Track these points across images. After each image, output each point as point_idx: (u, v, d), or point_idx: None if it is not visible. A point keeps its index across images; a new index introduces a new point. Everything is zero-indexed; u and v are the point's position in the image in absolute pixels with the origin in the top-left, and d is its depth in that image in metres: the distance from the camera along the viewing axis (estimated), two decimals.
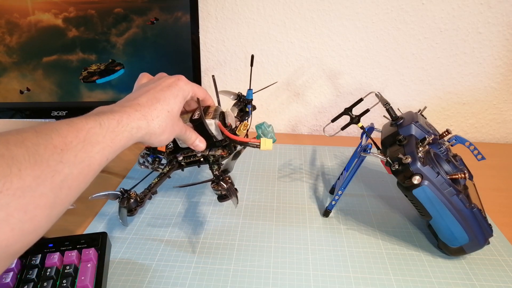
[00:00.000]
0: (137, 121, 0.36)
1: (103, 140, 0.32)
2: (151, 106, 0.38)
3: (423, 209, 0.48)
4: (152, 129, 0.38)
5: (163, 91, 0.40)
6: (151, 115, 0.37)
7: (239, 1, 0.80)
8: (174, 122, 0.40)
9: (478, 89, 0.85)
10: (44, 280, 0.42)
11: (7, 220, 0.25)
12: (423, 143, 0.48)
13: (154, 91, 0.40)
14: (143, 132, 0.37)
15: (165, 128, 0.39)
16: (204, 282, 0.46)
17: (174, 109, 0.40)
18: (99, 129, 0.32)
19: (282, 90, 0.89)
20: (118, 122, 0.34)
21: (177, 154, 0.51)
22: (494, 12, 0.75)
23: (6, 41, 0.66)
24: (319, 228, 0.56)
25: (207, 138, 0.46)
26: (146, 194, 0.47)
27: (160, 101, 0.39)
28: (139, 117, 0.36)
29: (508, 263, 0.50)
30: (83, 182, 0.31)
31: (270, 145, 0.48)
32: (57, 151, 0.28)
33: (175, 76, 0.43)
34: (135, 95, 0.39)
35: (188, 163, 0.52)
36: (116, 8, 0.66)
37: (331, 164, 0.76)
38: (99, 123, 0.33)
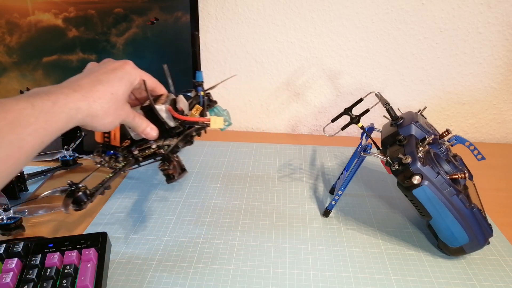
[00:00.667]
0: (76, 102, 0.34)
1: (36, 122, 0.31)
2: (93, 88, 0.36)
3: (423, 209, 0.48)
4: (94, 111, 0.36)
5: (107, 73, 0.39)
6: (93, 96, 0.36)
7: (239, 1, 0.80)
8: (118, 105, 0.39)
9: (478, 89, 0.85)
10: (44, 280, 0.42)
11: None
12: (423, 143, 0.48)
13: (97, 73, 0.38)
14: (84, 114, 0.35)
15: (108, 110, 0.37)
16: (204, 282, 0.46)
17: (118, 91, 0.38)
18: (31, 110, 0.31)
19: (282, 90, 0.89)
20: (53, 103, 0.32)
21: (132, 148, 0.49)
22: (494, 12, 0.75)
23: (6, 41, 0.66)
24: (319, 228, 0.56)
25: (159, 125, 0.45)
26: (98, 189, 0.45)
27: (103, 82, 0.37)
28: (78, 98, 0.34)
29: (508, 263, 0.50)
30: (13, 165, 0.30)
31: (221, 123, 0.47)
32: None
33: (122, 60, 0.42)
34: (77, 77, 0.38)
35: (144, 157, 0.50)
36: (116, 8, 0.66)
37: (331, 164, 0.76)
38: (31, 103, 0.31)
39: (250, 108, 0.92)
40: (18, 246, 0.46)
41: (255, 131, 0.95)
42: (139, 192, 0.65)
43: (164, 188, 0.66)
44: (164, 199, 0.63)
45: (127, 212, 0.59)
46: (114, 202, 0.62)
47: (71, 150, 0.69)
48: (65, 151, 0.69)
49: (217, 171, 0.72)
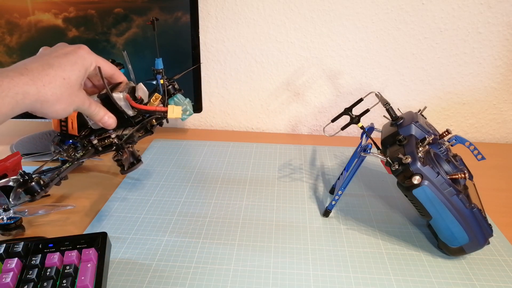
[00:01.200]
0: (22, 86, 0.32)
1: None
2: (42, 72, 0.34)
3: (423, 209, 0.48)
4: (44, 96, 0.34)
5: (58, 57, 0.37)
6: (42, 81, 0.34)
7: (239, 1, 0.80)
8: (72, 91, 0.37)
9: (478, 89, 0.85)
10: (44, 280, 0.42)
11: None
12: (423, 143, 0.48)
13: (48, 57, 0.36)
14: (32, 99, 0.33)
15: (60, 96, 0.35)
16: (204, 282, 0.46)
17: (71, 77, 0.36)
18: None
19: (282, 90, 0.89)
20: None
21: (91, 137, 0.48)
22: (494, 12, 0.75)
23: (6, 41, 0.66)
24: (319, 228, 0.56)
25: (117, 114, 0.44)
26: (53, 179, 0.44)
27: (54, 66, 0.35)
28: (26, 82, 0.33)
29: (508, 263, 0.50)
30: None
31: (179, 113, 0.45)
32: None
33: (76, 45, 0.40)
34: (25, 61, 0.35)
35: (104, 147, 0.48)
36: (116, 8, 0.66)
37: (331, 164, 0.76)
38: None
39: (250, 108, 0.92)
40: (18, 246, 0.46)
41: (255, 131, 0.95)
42: (139, 192, 0.65)
43: (164, 188, 0.66)
44: (164, 199, 0.63)
45: (127, 212, 0.59)
46: (114, 202, 0.62)
47: None
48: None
49: (217, 171, 0.72)
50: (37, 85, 0.33)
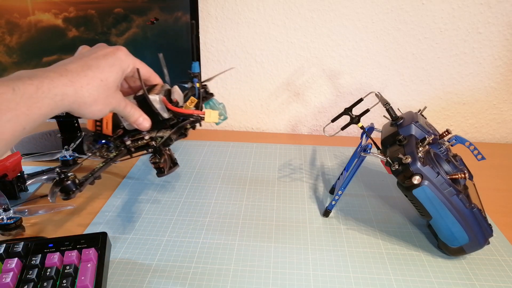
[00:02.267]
0: (62, 87, 0.32)
1: (16, 107, 0.29)
2: (81, 73, 0.34)
3: (423, 209, 0.48)
4: (81, 98, 0.34)
5: (97, 59, 0.37)
6: (80, 82, 0.34)
7: (239, 1, 0.80)
8: (109, 93, 0.37)
9: (478, 89, 0.85)
10: (44, 280, 0.42)
11: None
12: (423, 143, 0.48)
13: (87, 58, 0.36)
14: (70, 100, 0.33)
15: (97, 98, 0.35)
16: (204, 282, 0.46)
17: (109, 78, 0.37)
18: (11, 95, 0.29)
19: (282, 90, 0.89)
20: (37, 87, 0.31)
21: (125, 138, 0.48)
22: (494, 12, 0.75)
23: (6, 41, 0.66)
24: (319, 228, 0.56)
25: (152, 116, 0.44)
26: (88, 178, 0.44)
27: (92, 68, 0.35)
28: (65, 83, 0.33)
29: (508, 263, 0.50)
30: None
31: (216, 117, 0.46)
32: None
33: (115, 46, 0.40)
34: (65, 62, 0.36)
35: (136, 148, 0.49)
36: (116, 8, 0.66)
37: (331, 164, 0.76)
38: (12, 88, 0.29)
39: (250, 108, 0.92)
40: (18, 246, 0.46)
41: (255, 131, 0.95)
42: (139, 192, 0.65)
43: (164, 188, 0.66)
44: (164, 199, 0.63)
45: (127, 212, 0.59)
46: (114, 202, 0.62)
47: (71, 150, 0.69)
48: (65, 151, 0.69)
49: (217, 171, 0.72)
50: (75, 87, 0.34)
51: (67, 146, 0.69)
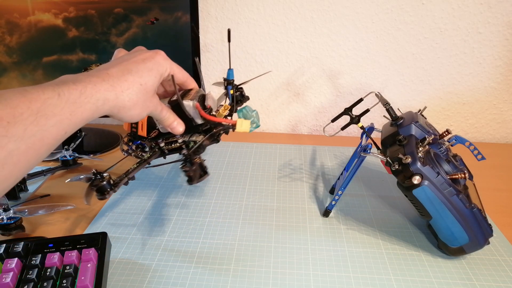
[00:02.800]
0: (104, 92, 0.33)
1: (60, 112, 0.29)
2: (122, 77, 0.35)
3: (423, 209, 0.48)
4: (121, 102, 0.35)
5: (137, 63, 0.37)
6: (121, 87, 0.34)
7: (239, 1, 0.80)
8: (147, 97, 0.37)
9: (478, 89, 0.85)
10: (44, 280, 0.42)
11: None
12: (423, 143, 0.48)
13: (127, 62, 0.37)
14: (111, 105, 0.34)
15: (136, 102, 0.36)
16: (204, 282, 0.46)
17: (148, 83, 0.37)
18: (57, 100, 0.29)
19: (282, 90, 0.89)
20: (80, 92, 0.31)
21: (159, 140, 0.49)
22: (494, 12, 0.75)
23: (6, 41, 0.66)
24: (319, 228, 0.56)
25: (186, 121, 0.44)
26: (122, 179, 0.45)
27: (132, 72, 0.36)
28: (106, 88, 0.33)
29: (508, 263, 0.50)
30: (34, 157, 0.29)
31: (248, 127, 0.46)
32: (2, 123, 0.26)
33: (153, 50, 0.40)
34: (106, 66, 0.36)
35: (170, 150, 0.49)
36: (116, 8, 0.66)
37: (331, 164, 0.76)
38: (57, 93, 0.30)
39: None
40: (18, 246, 0.46)
41: (255, 131, 0.95)
42: (139, 192, 0.65)
43: (164, 188, 0.66)
44: (164, 199, 0.63)
45: (127, 212, 0.59)
46: (114, 202, 0.62)
47: (71, 150, 0.69)
48: (65, 151, 0.69)
49: (217, 171, 0.72)
50: (116, 91, 0.34)
51: (67, 146, 0.69)
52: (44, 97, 0.29)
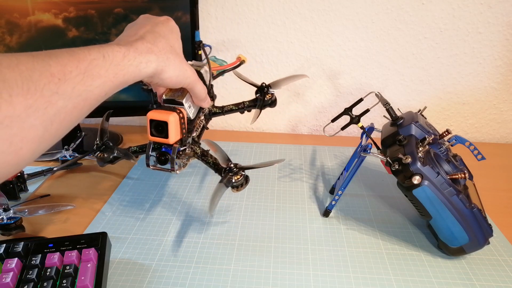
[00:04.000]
0: (145, 55, 0.33)
1: (105, 74, 0.30)
2: (156, 40, 0.35)
3: (423, 209, 0.48)
4: (161, 63, 0.35)
5: (158, 26, 0.38)
6: (158, 47, 0.35)
7: (239, 1, 0.80)
8: (181, 59, 0.38)
9: (478, 89, 0.85)
10: (44, 280, 0.42)
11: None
12: (423, 143, 0.48)
13: (150, 27, 0.37)
14: (153, 66, 0.34)
15: (173, 63, 0.36)
16: (204, 282, 0.46)
17: (175, 44, 0.38)
18: (102, 61, 0.29)
19: (282, 90, 0.89)
20: (124, 55, 0.31)
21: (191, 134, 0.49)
22: (494, 12, 0.75)
23: (6, 41, 0.66)
24: (319, 228, 0.56)
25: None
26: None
27: (161, 35, 0.36)
28: (147, 51, 0.33)
29: (508, 263, 0.50)
30: (76, 117, 0.29)
31: (245, 58, 0.58)
32: (54, 80, 0.26)
33: (163, 17, 0.41)
34: (134, 31, 0.36)
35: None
36: (116, 8, 0.66)
37: (331, 164, 0.76)
38: (102, 55, 0.30)
39: None
40: (18, 246, 0.46)
41: (255, 131, 0.95)
42: (139, 192, 0.65)
43: (163, 188, 0.66)
44: (164, 199, 0.63)
45: (127, 212, 0.59)
46: (114, 202, 0.62)
47: (71, 150, 0.69)
48: (65, 151, 0.69)
49: None
50: (155, 53, 0.34)
51: (67, 146, 0.69)
52: (91, 58, 0.29)
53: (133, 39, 0.34)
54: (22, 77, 0.24)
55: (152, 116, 0.42)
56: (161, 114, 0.42)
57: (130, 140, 0.84)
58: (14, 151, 0.24)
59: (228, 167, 0.46)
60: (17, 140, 0.24)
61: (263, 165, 0.47)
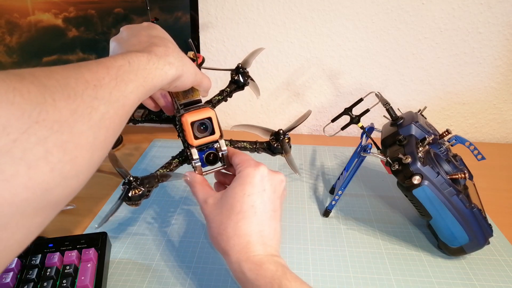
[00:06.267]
0: (165, 58, 0.33)
1: (135, 78, 0.29)
2: (164, 43, 0.35)
3: (423, 209, 0.48)
4: (180, 64, 0.35)
5: (152, 31, 0.37)
6: (171, 50, 0.34)
7: (239, 1, 0.80)
8: (187, 58, 0.38)
9: (478, 89, 0.85)
10: (44, 280, 0.42)
11: (45, 158, 0.21)
12: (423, 143, 0.48)
13: (146, 32, 0.37)
14: (174, 68, 0.34)
15: (187, 61, 0.36)
16: (204, 282, 0.46)
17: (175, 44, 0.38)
18: (128, 67, 0.29)
19: (282, 90, 0.89)
20: (148, 59, 0.31)
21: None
22: (494, 12, 0.75)
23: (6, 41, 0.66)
24: (319, 228, 0.56)
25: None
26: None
27: (164, 37, 0.37)
28: (165, 53, 0.33)
29: (508, 263, 0.50)
30: (119, 124, 0.28)
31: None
32: (90, 86, 0.25)
33: (145, 22, 0.40)
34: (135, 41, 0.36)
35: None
36: (116, 8, 0.66)
37: (331, 164, 0.76)
38: (127, 61, 0.30)
39: (250, 108, 0.92)
40: None
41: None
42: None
43: (163, 188, 0.66)
44: (164, 198, 0.63)
45: (127, 212, 0.59)
46: (114, 202, 0.62)
47: None
48: None
49: None
50: (172, 55, 0.34)
51: None
52: (117, 65, 0.29)
53: (144, 45, 0.34)
54: (60, 84, 0.23)
55: (192, 118, 0.40)
56: (199, 113, 0.40)
57: (130, 140, 0.84)
58: (70, 159, 0.22)
59: (277, 132, 0.49)
60: (71, 147, 0.22)
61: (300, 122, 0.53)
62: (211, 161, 0.44)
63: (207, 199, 0.39)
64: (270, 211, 0.37)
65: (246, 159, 0.40)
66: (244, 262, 0.34)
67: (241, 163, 0.39)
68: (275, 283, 0.32)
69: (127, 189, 0.40)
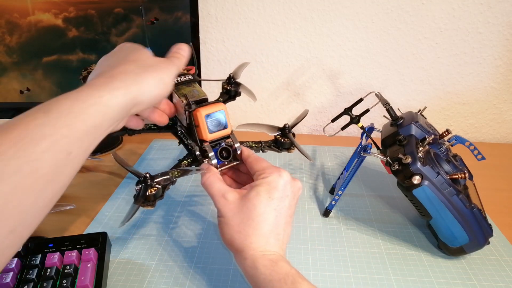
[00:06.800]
0: (106, 85, 0.29)
1: (53, 131, 0.24)
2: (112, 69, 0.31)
3: (423, 209, 0.48)
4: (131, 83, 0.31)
5: (112, 57, 0.35)
6: (117, 70, 0.31)
7: (239, 1, 0.80)
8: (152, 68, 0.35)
9: (478, 89, 0.85)
10: (44, 280, 0.42)
11: None
12: (423, 143, 0.48)
13: (106, 62, 0.34)
14: (122, 92, 0.29)
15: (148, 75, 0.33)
16: (204, 282, 0.46)
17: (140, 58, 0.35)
18: (44, 119, 0.24)
19: (282, 90, 0.89)
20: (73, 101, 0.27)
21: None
22: (494, 12, 0.75)
23: (6, 41, 0.66)
24: (319, 228, 0.56)
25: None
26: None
27: (118, 61, 0.33)
28: (107, 80, 0.30)
29: (508, 263, 0.50)
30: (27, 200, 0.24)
31: None
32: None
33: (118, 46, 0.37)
34: (101, 68, 0.32)
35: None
36: (116, 8, 0.66)
37: (331, 164, 0.76)
38: (44, 111, 0.25)
39: (250, 108, 0.92)
40: None
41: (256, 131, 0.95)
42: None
43: None
44: (165, 199, 0.63)
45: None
46: (114, 202, 0.62)
47: None
48: None
49: None
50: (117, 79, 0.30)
51: None
52: (27, 120, 0.24)
53: (88, 82, 0.30)
54: None
55: (206, 111, 0.39)
56: (211, 107, 0.40)
57: (130, 140, 0.84)
58: None
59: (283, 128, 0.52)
60: None
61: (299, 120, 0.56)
62: (225, 157, 0.44)
63: (225, 194, 0.38)
64: (288, 216, 0.38)
65: (268, 165, 0.40)
66: (260, 259, 0.35)
67: (264, 169, 0.39)
68: (288, 279, 0.33)
69: (144, 187, 0.41)
